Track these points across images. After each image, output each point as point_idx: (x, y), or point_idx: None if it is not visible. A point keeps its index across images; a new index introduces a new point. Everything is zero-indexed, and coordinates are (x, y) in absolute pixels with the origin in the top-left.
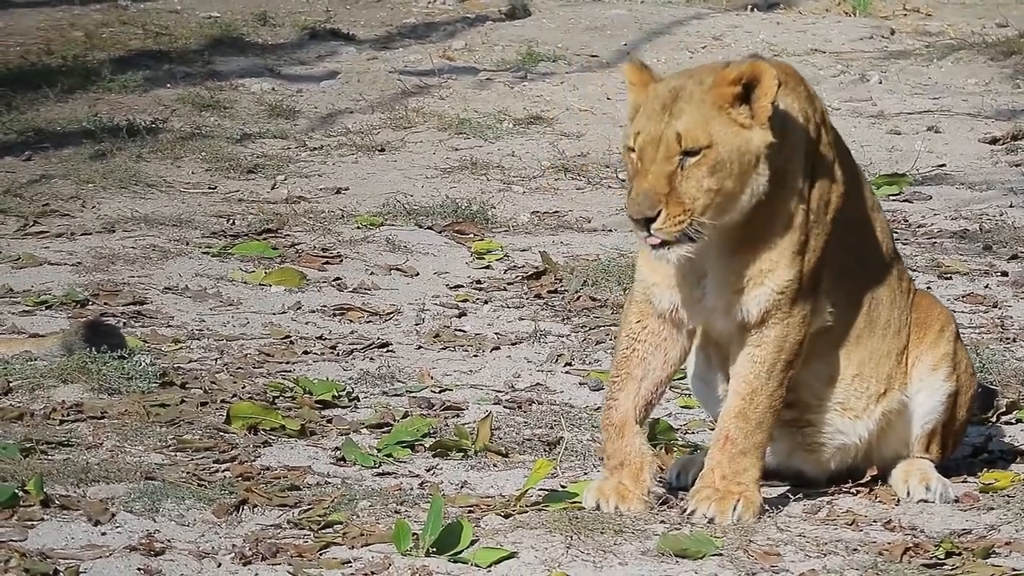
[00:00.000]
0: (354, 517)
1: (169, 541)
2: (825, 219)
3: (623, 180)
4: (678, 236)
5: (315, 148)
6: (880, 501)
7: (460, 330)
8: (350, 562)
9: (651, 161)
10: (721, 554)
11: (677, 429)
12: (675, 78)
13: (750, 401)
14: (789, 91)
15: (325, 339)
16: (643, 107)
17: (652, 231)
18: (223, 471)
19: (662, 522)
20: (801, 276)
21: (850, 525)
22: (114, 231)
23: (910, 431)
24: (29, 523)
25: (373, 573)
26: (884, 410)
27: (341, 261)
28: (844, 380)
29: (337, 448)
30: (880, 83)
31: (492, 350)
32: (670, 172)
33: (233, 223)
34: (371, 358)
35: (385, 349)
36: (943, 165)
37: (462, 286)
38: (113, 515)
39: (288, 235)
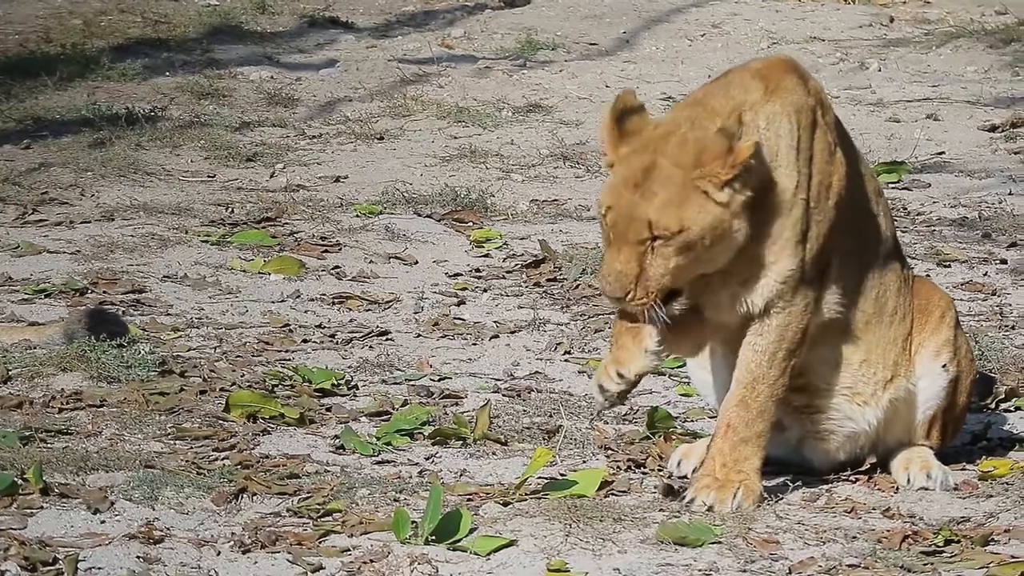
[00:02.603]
0: (353, 505)
1: (168, 529)
2: (827, 204)
3: None
4: (646, 313)
5: (314, 136)
6: (879, 489)
7: (459, 318)
8: (349, 550)
9: (622, 239)
10: (720, 542)
11: (676, 417)
12: (649, 145)
13: (751, 390)
14: (770, 95)
15: (324, 327)
16: (615, 171)
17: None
18: (222, 459)
19: (661, 510)
20: (804, 264)
21: (849, 513)
22: (113, 219)
23: (914, 417)
24: (28, 511)
25: (372, 561)
26: (891, 397)
27: (340, 249)
28: (852, 365)
29: (336, 436)
30: (879, 71)
31: (491, 338)
32: (640, 253)
33: (232, 211)
34: (370, 346)
35: (384, 337)
36: (942, 153)
37: (461, 274)
38: (112, 503)
39: (287, 223)
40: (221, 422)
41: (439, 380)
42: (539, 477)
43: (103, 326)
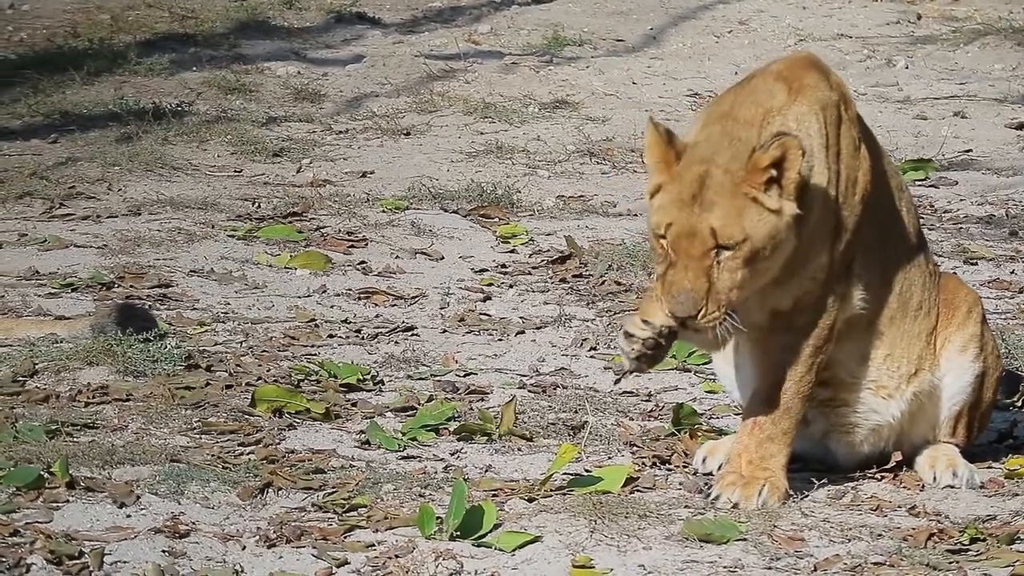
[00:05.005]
0: (378, 500)
1: (194, 523)
2: (854, 199)
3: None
4: (718, 330)
5: (340, 132)
6: (904, 487)
7: (485, 314)
8: (374, 545)
9: (686, 255)
10: (745, 539)
11: (702, 414)
12: (698, 158)
13: (777, 387)
14: (794, 95)
15: (350, 322)
16: (667, 190)
17: (687, 324)
18: (248, 454)
19: (686, 507)
20: (832, 261)
21: (875, 510)
22: (140, 214)
23: (938, 413)
24: (54, 505)
25: (397, 556)
26: (915, 391)
27: (366, 245)
28: (877, 359)
29: (362, 431)
30: (906, 68)
31: (517, 334)
32: (707, 267)
33: (259, 206)
34: (396, 342)
35: (410, 333)
36: (969, 150)
37: (487, 270)
38: (138, 497)
39: (313, 218)
40: (247, 417)
41: (464, 376)
42: (564, 473)
43: (132, 320)
